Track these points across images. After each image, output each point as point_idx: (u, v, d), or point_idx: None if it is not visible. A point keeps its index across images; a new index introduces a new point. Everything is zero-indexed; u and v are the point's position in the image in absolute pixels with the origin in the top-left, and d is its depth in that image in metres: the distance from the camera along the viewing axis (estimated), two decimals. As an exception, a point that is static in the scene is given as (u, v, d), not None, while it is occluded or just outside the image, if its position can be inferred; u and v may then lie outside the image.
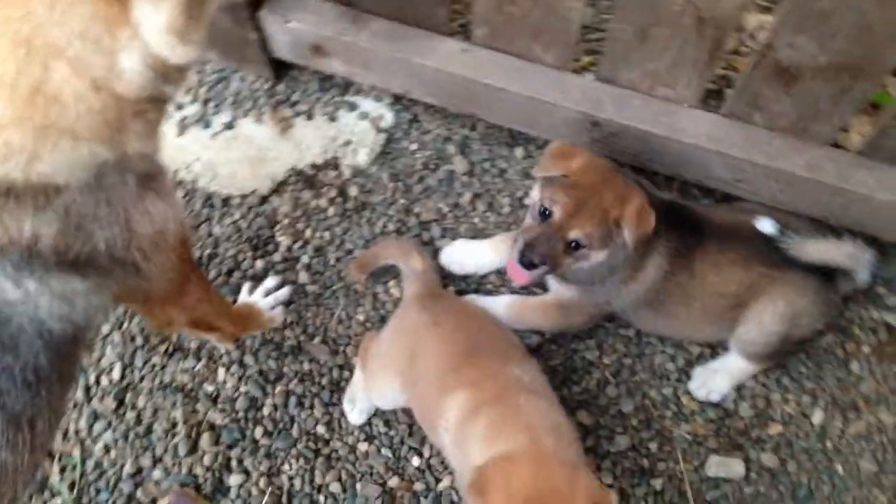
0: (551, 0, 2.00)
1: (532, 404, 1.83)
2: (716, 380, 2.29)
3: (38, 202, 1.28)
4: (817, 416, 2.29)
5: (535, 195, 2.12)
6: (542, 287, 2.35)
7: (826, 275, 2.16)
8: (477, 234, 2.45)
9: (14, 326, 1.34)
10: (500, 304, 2.32)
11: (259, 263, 2.42)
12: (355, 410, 2.25)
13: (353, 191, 2.51)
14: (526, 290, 2.37)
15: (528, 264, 2.05)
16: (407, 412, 2.25)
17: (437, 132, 2.58)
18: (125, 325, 2.36)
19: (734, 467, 2.23)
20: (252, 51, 2.46)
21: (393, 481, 2.18)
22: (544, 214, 2.04)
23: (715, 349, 2.34)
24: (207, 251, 2.45)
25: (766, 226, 2.12)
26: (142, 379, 2.30)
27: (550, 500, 1.60)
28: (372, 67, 2.35)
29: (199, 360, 2.31)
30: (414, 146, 2.56)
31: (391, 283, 2.40)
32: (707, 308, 2.20)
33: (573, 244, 2.02)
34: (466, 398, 1.84)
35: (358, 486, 2.17)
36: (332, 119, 2.59)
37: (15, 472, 1.40)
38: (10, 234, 1.28)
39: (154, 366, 2.31)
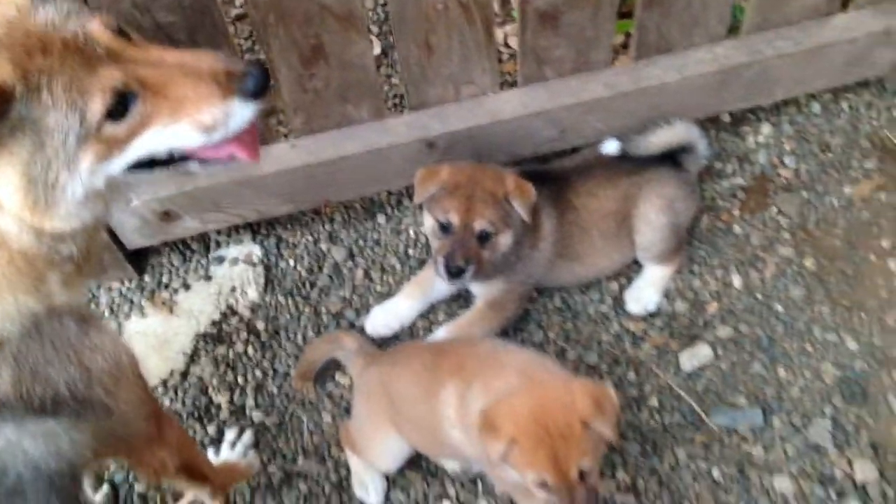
0: (342, 55, 2.24)
1: (513, 354, 1.97)
2: (645, 294, 2.49)
3: None
4: (737, 280, 2.54)
5: (427, 220, 2.33)
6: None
7: (675, 162, 2.47)
8: (385, 298, 2.58)
9: (13, 474, 1.38)
10: (440, 337, 2.44)
11: (211, 429, 2.41)
12: (370, 491, 2.26)
13: (260, 325, 2.58)
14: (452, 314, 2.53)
15: (456, 272, 2.22)
16: (414, 468, 2.29)
17: (304, 239, 2.72)
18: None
19: (702, 353, 2.42)
20: (107, 255, 2.54)
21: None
22: (445, 228, 2.25)
23: (629, 276, 2.56)
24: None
25: (610, 146, 2.42)
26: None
27: (554, 408, 1.74)
28: (221, 205, 2.48)
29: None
30: (291, 261, 2.69)
31: (337, 375, 2.47)
32: (603, 233, 2.44)
33: (483, 235, 2.23)
34: (455, 384, 1.95)
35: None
36: (208, 278, 2.67)
37: None
38: None
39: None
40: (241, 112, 1.36)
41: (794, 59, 2.53)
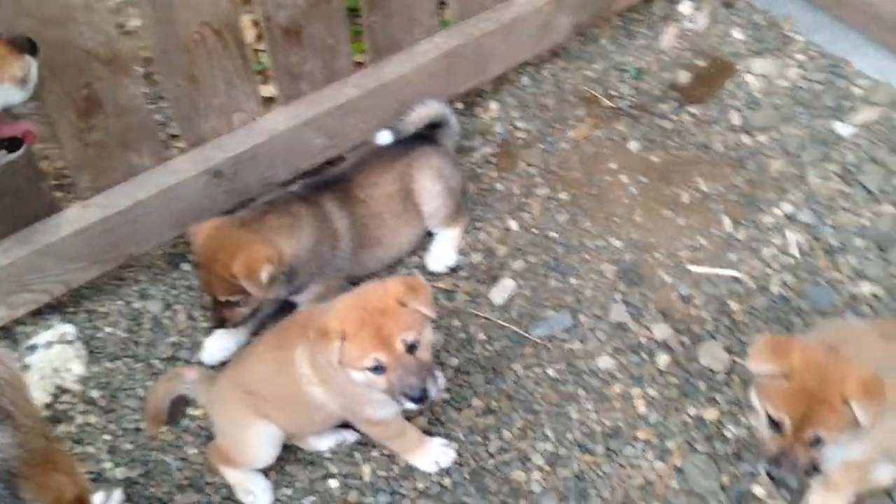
0: (116, 100, 2.37)
1: (336, 299, 2.17)
2: (442, 254, 2.81)
3: None
4: (513, 224, 2.93)
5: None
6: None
7: (433, 140, 2.84)
8: (210, 331, 2.67)
9: None
10: None
11: (75, 503, 2.34)
12: (257, 494, 2.33)
13: (95, 394, 2.56)
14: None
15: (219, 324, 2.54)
16: (293, 462, 2.41)
17: (115, 305, 2.74)
18: None
19: (507, 286, 2.76)
20: None
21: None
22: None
23: (426, 248, 2.86)
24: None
25: (383, 136, 2.75)
26: None
27: (371, 297, 2.05)
28: (25, 282, 2.46)
29: None
30: (109, 328, 2.69)
31: (189, 410, 2.51)
32: (394, 213, 2.73)
33: (228, 301, 2.45)
34: (303, 344, 2.15)
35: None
36: (26, 368, 2.60)
37: None
38: None
39: None
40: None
41: (498, 35, 3.02)
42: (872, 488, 2.26)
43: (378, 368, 2.01)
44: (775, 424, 1.96)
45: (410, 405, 2.06)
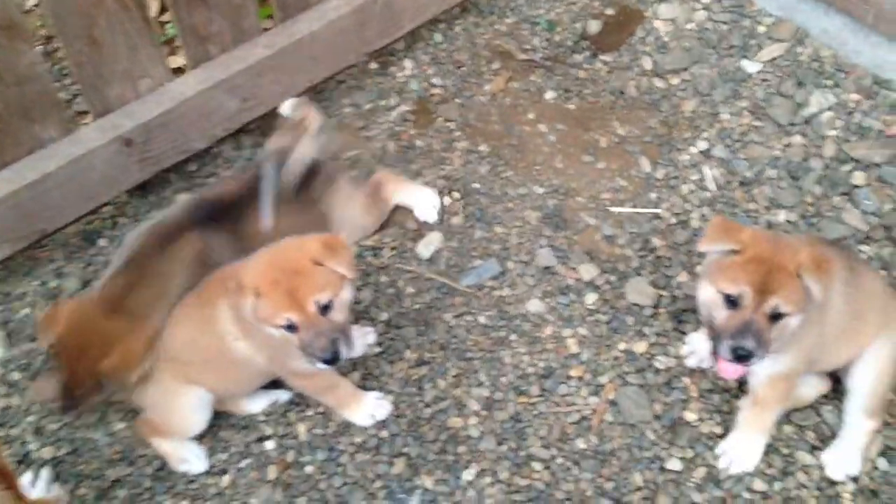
0: (14, 69, 2.28)
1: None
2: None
3: None
4: (434, 179, 2.93)
5: None
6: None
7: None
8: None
9: None
10: None
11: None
12: (192, 460, 2.30)
13: (16, 376, 2.48)
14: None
15: None
16: (227, 427, 2.38)
17: (32, 285, 2.67)
18: None
19: (434, 239, 2.75)
20: None
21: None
22: None
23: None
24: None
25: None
26: None
27: (287, 256, 2.02)
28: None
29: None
30: (25, 309, 2.61)
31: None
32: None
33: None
34: (224, 300, 2.11)
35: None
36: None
37: None
38: None
39: None
40: None
41: (409, -11, 3.01)
42: (798, 403, 2.33)
43: (291, 327, 1.99)
44: (732, 303, 1.96)
45: (322, 366, 2.04)
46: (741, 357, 1.95)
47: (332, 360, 2.02)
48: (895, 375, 2.23)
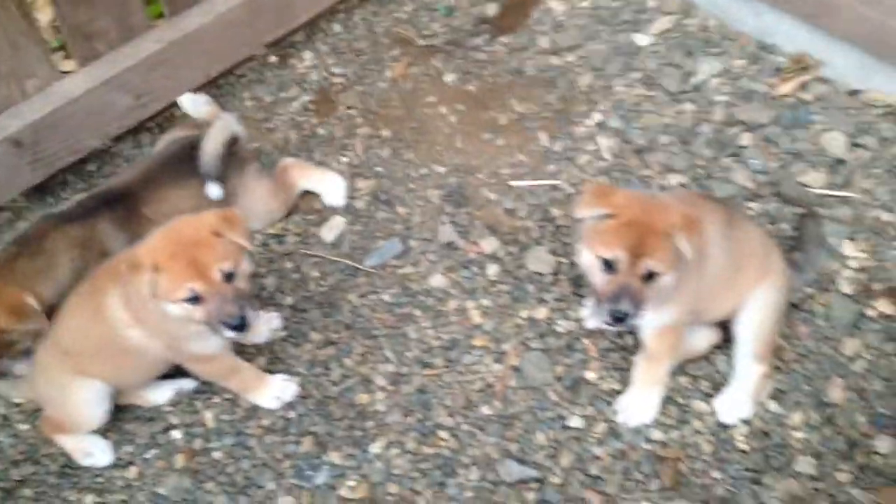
0: None
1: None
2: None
3: None
4: (336, 165, 2.95)
5: None
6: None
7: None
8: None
9: None
10: None
11: None
12: (97, 454, 2.29)
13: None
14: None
15: None
16: (132, 420, 2.38)
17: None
18: None
19: (337, 223, 2.78)
20: None
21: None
22: None
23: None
24: None
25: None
26: None
27: (186, 230, 2.03)
28: None
29: None
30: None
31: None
32: None
33: None
34: (115, 286, 2.10)
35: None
36: None
37: None
38: None
39: None
40: None
41: (302, -21, 3.03)
42: (692, 355, 2.41)
43: (194, 299, 1.99)
44: (609, 266, 2.03)
45: (230, 333, 2.04)
46: (619, 319, 2.03)
47: (241, 325, 2.03)
48: (779, 321, 2.32)
